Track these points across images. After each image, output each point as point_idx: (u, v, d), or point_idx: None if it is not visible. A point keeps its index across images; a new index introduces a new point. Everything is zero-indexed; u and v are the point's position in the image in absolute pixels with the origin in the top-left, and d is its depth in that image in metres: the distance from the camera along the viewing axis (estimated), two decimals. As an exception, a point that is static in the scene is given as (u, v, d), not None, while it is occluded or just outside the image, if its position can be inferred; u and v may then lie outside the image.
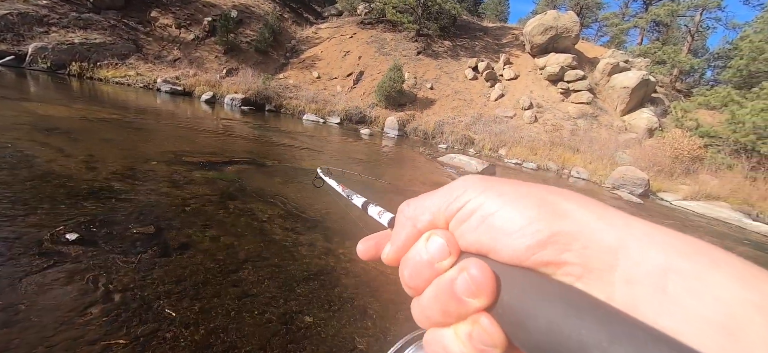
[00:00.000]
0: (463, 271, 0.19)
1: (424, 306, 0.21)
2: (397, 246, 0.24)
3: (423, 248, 0.21)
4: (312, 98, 15.58)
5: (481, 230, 0.20)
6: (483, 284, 0.18)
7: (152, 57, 15.20)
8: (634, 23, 24.64)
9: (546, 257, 0.17)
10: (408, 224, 0.23)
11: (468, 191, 0.21)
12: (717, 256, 0.15)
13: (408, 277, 0.22)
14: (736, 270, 0.14)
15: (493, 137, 14.60)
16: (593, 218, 0.18)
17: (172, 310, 1.87)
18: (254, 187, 4.19)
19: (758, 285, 0.14)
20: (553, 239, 0.17)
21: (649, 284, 0.15)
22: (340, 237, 3.22)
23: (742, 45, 15.61)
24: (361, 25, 21.35)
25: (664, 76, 19.67)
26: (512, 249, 0.18)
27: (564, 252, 0.17)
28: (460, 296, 0.19)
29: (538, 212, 0.18)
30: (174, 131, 6.77)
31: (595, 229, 0.17)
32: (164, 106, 10.29)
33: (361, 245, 0.28)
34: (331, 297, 2.32)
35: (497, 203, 0.20)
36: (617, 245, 0.16)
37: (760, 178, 11.58)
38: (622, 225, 0.17)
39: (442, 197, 0.22)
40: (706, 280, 0.14)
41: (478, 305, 0.18)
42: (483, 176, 0.22)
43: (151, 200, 3.22)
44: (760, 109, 12.26)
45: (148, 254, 2.35)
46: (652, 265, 0.15)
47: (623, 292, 0.15)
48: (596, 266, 0.16)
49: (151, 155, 4.64)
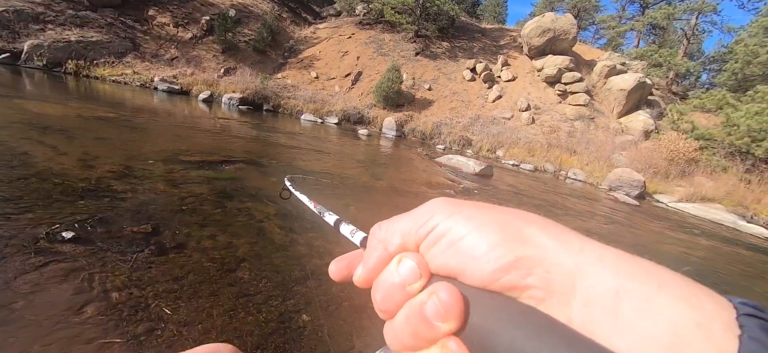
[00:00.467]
0: (433, 295, 0.19)
1: (397, 330, 0.21)
2: (369, 268, 0.24)
3: (395, 271, 0.22)
4: (310, 98, 15.57)
5: (449, 254, 0.20)
6: (452, 308, 0.19)
7: (149, 56, 15.14)
8: (630, 26, 24.82)
9: (511, 281, 0.18)
10: (380, 247, 0.23)
11: (436, 215, 0.22)
12: (664, 277, 0.16)
13: (380, 300, 0.22)
14: (681, 290, 0.16)
15: (490, 138, 14.65)
16: (553, 243, 0.19)
17: (168, 309, 1.87)
18: (251, 186, 4.17)
19: (700, 305, 0.15)
20: (516, 264, 0.18)
21: (603, 306, 0.16)
22: (337, 237, 3.21)
23: (737, 48, 15.78)
24: (359, 26, 21.37)
25: (660, 79, 19.82)
26: (479, 273, 0.19)
27: (527, 277, 0.18)
28: (431, 320, 0.19)
29: (502, 237, 0.19)
30: (171, 129, 6.74)
31: (555, 254, 0.18)
32: (161, 105, 10.25)
33: (333, 266, 0.28)
34: (328, 296, 2.32)
35: (464, 228, 0.20)
36: (575, 270, 0.17)
37: (755, 180, 11.69)
38: (579, 250, 0.18)
39: (411, 220, 0.23)
40: (654, 302, 0.15)
41: (447, 329, 0.19)
42: (450, 199, 0.23)
43: (148, 198, 3.20)
44: (754, 112, 12.39)
45: (145, 253, 2.34)
46: (606, 288, 0.16)
47: (581, 314, 0.16)
48: (557, 289, 0.17)
49: (148, 153, 4.62)
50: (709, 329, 0.14)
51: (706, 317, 0.15)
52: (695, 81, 24.07)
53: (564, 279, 0.17)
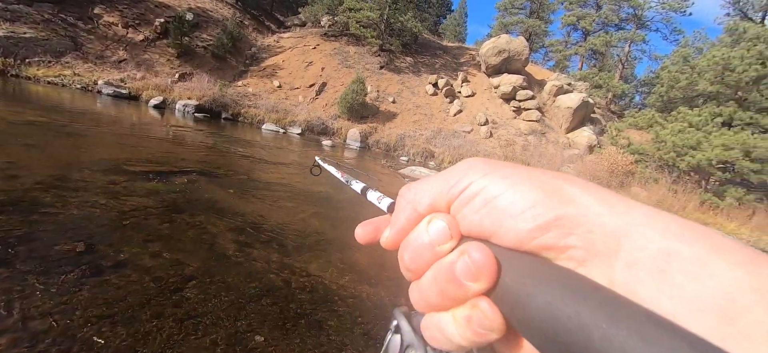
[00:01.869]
0: (464, 254, 0.19)
1: (423, 290, 0.21)
2: (397, 230, 0.23)
3: (424, 232, 0.21)
4: (272, 108, 15.16)
5: (483, 213, 0.19)
6: (484, 267, 0.18)
7: (93, 57, 13.94)
8: (575, 50, 27.18)
9: (549, 240, 0.17)
10: (408, 207, 0.23)
11: (470, 173, 0.21)
12: (718, 241, 0.15)
13: (408, 260, 0.22)
14: (737, 254, 0.14)
15: (452, 150, 15.16)
16: (596, 202, 0.17)
17: (100, 337, 1.69)
18: (205, 199, 3.95)
19: (758, 270, 0.14)
20: (557, 223, 0.17)
21: (650, 267, 0.15)
22: (297, 251, 3.13)
23: (662, 74, 17.83)
24: (324, 37, 21.34)
25: (600, 99, 21.80)
26: (515, 232, 0.18)
27: (568, 236, 0.17)
28: (461, 279, 0.19)
29: (542, 196, 0.18)
30: (115, 137, 6.21)
31: (599, 213, 0.17)
32: (105, 110, 9.43)
33: (359, 229, 0.27)
34: (285, 313, 2.23)
35: (501, 186, 0.19)
36: (620, 230, 0.16)
37: (680, 190, 13.15)
38: (625, 210, 0.17)
39: (443, 180, 0.22)
40: (707, 264, 0.14)
41: (478, 288, 0.18)
42: (485, 159, 0.22)
43: (83, 213, 2.91)
44: (677, 130, 14.00)
45: (75, 274, 2.10)
46: (654, 249, 0.15)
47: (624, 275, 0.15)
48: (599, 250, 0.16)
49: (86, 163, 4.21)
50: (767, 293, 0.13)
51: (764, 282, 0.13)
52: (630, 101, 26.83)
53: (608, 240, 0.16)
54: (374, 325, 2.32)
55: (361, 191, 0.38)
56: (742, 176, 12.87)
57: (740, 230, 11.52)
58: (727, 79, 14.02)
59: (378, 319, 2.39)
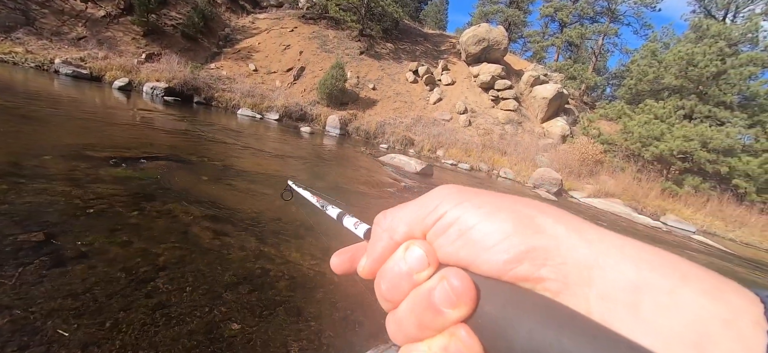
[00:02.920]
0: (443, 280, 0.19)
1: (400, 320, 0.20)
2: (374, 258, 0.23)
3: (401, 259, 0.21)
4: (248, 92, 14.67)
5: (458, 244, 0.19)
6: (463, 293, 0.18)
7: (48, 33, 12.90)
8: (551, 42, 27.82)
9: (524, 272, 0.17)
10: (384, 236, 0.23)
11: (444, 203, 0.21)
12: (686, 270, 0.15)
13: (385, 290, 0.21)
14: (705, 284, 0.15)
15: (431, 138, 15.29)
16: (568, 233, 0.18)
17: (65, 330, 1.61)
18: (177, 186, 3.79)
19: (726, 299, 0.14)
20: (530, 255, 0.17)
21: (623, 300, 0.15)
22: (275, 239, 3.08)
23: (632, 67, 18.63)
24: (302, 19, 20.71)
25: (574, 90, 22.54)
26: (491, 264, 0.18)
27: (541, 268, 0.17)
28: (439, 306, 0.18)
29: (514, 227, 0.18)
30: (76, 121, 5.82)
31: (571, 245, 0.17)
32: (65, 91, 8.79)
33: (334, 259, 0.27)
34: (263, 301, 2.20)
35: (475, 217, 0.19)
36: (592, 261, 0.16)
37: (644, 179, 13.94)
38: (597, 240, 0.17)
39: (418, 208, 0.22)
40: (677, 295, 0.15)
41: (456, 316, 0.18)
42: (459, 186, 0.22)
43: (41, 201, 2.72)
44: (644, 122, 14.75)
45: (34, 265, 1.98)
46: (626, 281, 0.15)
47: (599, 307, 0.15)
48: (573, 281, 0.16)
49: (44, 148, 3.93)
50: (737, 326, 0.13)
51: (733, 313, 0.14)
52: (601, 93, 27.91)
53: (581, 271, 0.16)
54: (353, 310, 2.34)
55: (337, 217, 0.37)
56: (699, 166, 13.77)
57: (695, 216, 12.40)
58: (690, 74, 14.83)
59: (357, 304, 2.41)
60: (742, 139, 13.76)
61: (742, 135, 13.86)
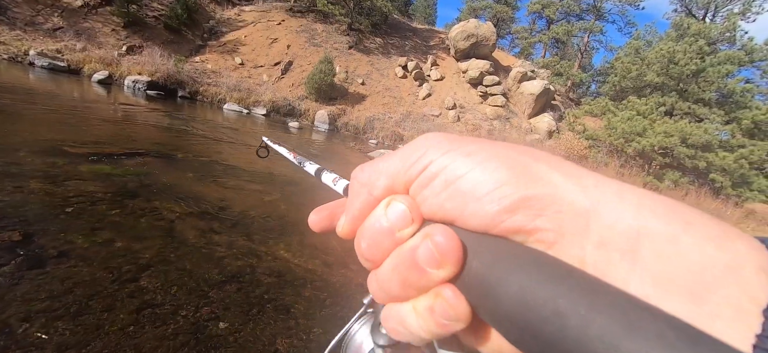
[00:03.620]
0: (427, 238, 0.17)
1: (383, 279, 0.19)
2: (353, 216, 0.21)
3: (382, 216, 0.19)
4: (234, 86, 14.38)
5: (445, 196, 0.18)
6: (448, 252, 0.16)
7: (22, 23, 12.35)
8: (538, 38, 28.14)
9: (517, 223, 0.16)
10: (363, 191, 0.21)
11: (430, 151, 0.19)
12: (690, 216, 0.15)
13: (365, 248, 0.20)
14: (708, 230, 0.14)
15: (420, 134, 15.31)
16: (565, 179, 0.17)
17: (43, 333, 1.56)
18: (161, 183, 3.70)
19: (730, 245, 0.14)
20: (525, 204, 0.16)
21: (621, 247, 0.14)
22: (262, 236, 3.05)
23: (616, 65, 19.03)
24: (290, 13, 20.38)
25: (561, 86, 22.91)
26: (480, 216, 0.17)
27: (537, 218, 0.16)
28: (423, 266, 0.17)
29: (508, 175, 0.17)
30: (54, 115, 5.61)
31: (568, 192, 0.16)
32: (40, 84, 8.45)
33: (313, 216, 0.25)
34: (250, 299, 2.18)
35: (464, 165, 0.18)
36: (590, 208, 0.15)
37: (626, 174, 14.33)
38: (594, 186, 0.16)
39: (400, 159, 0.20)
40: (679, 242, 0.14)
41: (442, 275, 0.17)
42: (446, 134, 0.20)
43: (17, 199, 2.62)
44: (627, 118, 15.11)
45: (11, 266, 1.91)
46: (625, 227, 0.15)
47: (595, 256, 0.15)
48: (570, 230, 0.15)
49: (19, 144, 3.77)
50: (739, 272, 0.13)
51: (737, 259, 0.13)
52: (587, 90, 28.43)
53: (578, 219, 0.15)
54: (342, 307, 2.34)
55: (315, 173, 0.36)
56: (679, 161, 14.23)
57: (675, 209, 12.85)
58: (671, 71, 15.24)
59: (346, 301, 2.41)
60: (719, 135, 14.27)
61: (720, 131, 14.38)
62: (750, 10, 17.66)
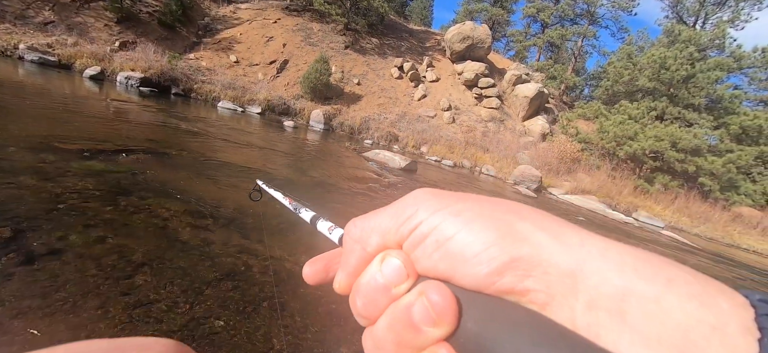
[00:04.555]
0: (422, 295, 0.17)
1: (378, 338, 0.19)
2: (348, 272, 0.21)
3: (377, 272, 0.19)
4: (229, 84, 14.29)
5: (437, 256, 0.18)
6: (444, 310, 0.17)
7: (12, 16, 12.13)
8: (533, 42, 28.44)
9: (508, 284, 0.16)
10: (357, 247, 0.21)
11: (420, 210, 0.19)
12: (672, 274, 0.15)
13: (361, 306, 0.20)
14: (691, 288, 0.14)
15: (416, 135, 15.38)
16: (550, 240, 0.17)
17: (36, 329, 1.54)
18: (155, 181, 3.67)
19: (713, 303, 0.14)
20: (513, 265, 0.16)
21: (609, 309, 0.15)
22: (258, 233, 3.04)
23: (609, 69, 19.32)
24: (286, 11, 20.31)
25: (554, 90, 23.16)
26: (472, 276, 0.17)
27: (525, 279, 0.16)
28: (418, 324, 0.17)
29: (494, 236, 0.17)
30: (44, 111, 5.51)
31: (553, 253, 0.16)
32: (30, 79, 8.30)
33: (307, 268, 0.25)
34: (246, 297, 2.18)
35: (452, 226, 0.18)
36: (575, 269, 0.16)
37: (618, 176, 14.54)
38: (579, 245, 0.17)
39: (391, 216, 0.20)
40: (663, 301, 0.14)
41: (437, 334, 0.17)
42: (434, 191, 0.20)
43: (7, 196, 2.58)
44: (619, 122, 15.34)
45: (2, 263, 1.88)
46: (611, 288, 0.15)
47: (586, 318, 0.15)
48: (558, 291, 0.16)
49: (8, 139, 3.71)
50: (725, 331, 0.13)
51: (721, 318, 0.13)
52: (580, 93, 28.79)
53: (565, 279, 0.16)
54: (338, 304, 2.34)
55: (311, 221, 0.36)
56: (669, 165, 14.46)
57: (664, 212, 13.03)
58: (662, 76, 15.50)
59: (341, 299, 2.41)
60: (708, 139, 14.56)
61: (709, 136, 14.68)
62: (739, 17, 18.05)
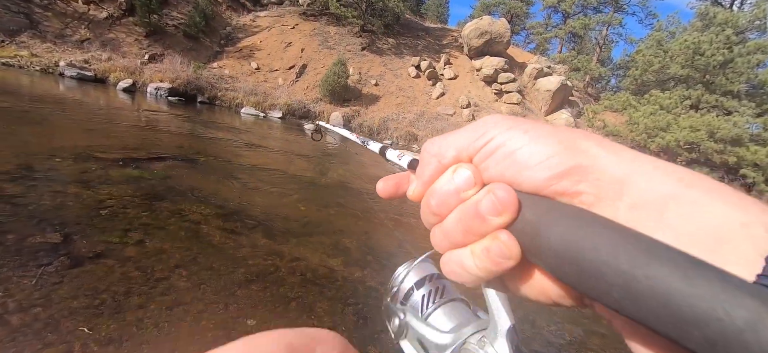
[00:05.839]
0: (490, 193, 0.21)
1: (447, 229, 0.23)
2: (423, 181, 0.25)
3: (450, 179, 0.23)
4: (251, 91, 14.70)
5: (504, 165, 0.21)
6: (507, 202, 0.20)
7: (52, 36, 12.99)
8: (554, 33, 27.54)
9: (563, 186, 0.20)
10: (433, 160, 0.24)
11: (492, 129, 0.23)
12: (713, 185, 0.17)
13: (435, 205, 0.24)
14: (727, 195, 0.17)
15: (435, 133, 15.23)
16: (606, 153, 0.20)
17: (86, 327, 1.65)
18: (186, 186, 3.84)
19: (746, 207, 0.16)
20: (571, 171, 0.20)
21: (650, 209, 0.17)
22: (284, 236, 3.12)
23: (637, 58, 18.42)
24: (303, 16, 20.67)
25: (578, 82, 22.34)
26: (533, 180, 0.20)
27: (579, 183, 0.19)
28: (485, 215, 0.21)
29: (559, 148, 0.20)
30: (84, 123, 5.88)
31: (607, 163, 0.19)
32: (70, 94, 8.87)
33: (381, 184, 0.30)
34: (275, 297, 2.24)
35: (522, 140, 0.21)
36: (625, 177, 0.19)
37: (649, 170, 13.85)
38: (631, 159, 0.19)
39: (466, 134, 0.24)
40: (700, 204, 0.16)
41: (500, 222, 0.20)
42: (507, 115, 0.24)
43: (56, 203, 2.77)
44: (649, 113, 14.61)
45: (54, 266, 2.03)
46: (654, 193, 0.18)
47: (627, 215, 0.18)
48: (606, 194, 0.19)
49: (54, 150, 3.98)
50: (752, 228, 0.15)
51: (751, 219, 0.15)
52: (606, 84, 27.61)
53: (614, 185, 0.19)
54: (365, 305, 2.37)
55: (379, 151, 0.40)
56: (707, 157, 13.63)
57: (702, 206, 12.31)
58: (696, 63, 14.63)
59: (368, 299, 2.44)
60: (749, 128, 13.59)
61: (750, 124, 13.69)
62: (782, -5, 16.76)
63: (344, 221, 3.82)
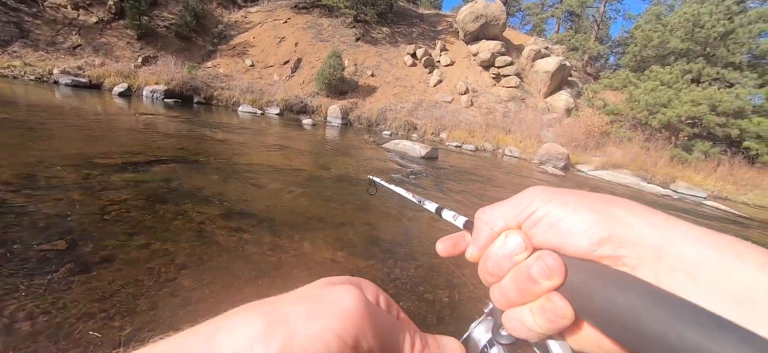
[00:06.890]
0: (539, 259, 0.24)
1: (504, 289, 0.26)
2: (479, 245, 0.28)
3: (503, 245, 0.26)
4: (247, 88, 14.62)
5: (549, 234, 0.24)
6: (556, 268, 0.23)
7: (44, 44, 12.88)
8: (551, 13, 27.19)
9: (605, 252, 0.22)
10: (486, 228, 0.28)
11: (535, 201, 0.26)
12: (741, 250, 0.19)
13: (491, 268, 0.27)
14: (756, 260, 0.18)
15: (434, 121, 15.19)
16: (641, 221, 0.22)
17: (97, 332, 1.65)
18: (188, 187, 3.83)
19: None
20: (610, 239, 0.22)
21: (684, 273, 0.19)
22: (288, 232, 3.11)
23: (636, 33, 18.17)
24: (295, 10, 20.42)
25: (577, 61, 22.12)
26: (577, 246, 0.23)
27: (619, 248, 0.22)
28: (537, 278, 0.23)
29: (596, 218, 0.23)
30: (82, 130, 5.86)
31: (644, 230, 0.22)
32: (66, 101, 8.83)
33: (440, 245, 0.33)
34: (284, 291, 2.23)
35: (563, 211, 0.24)
36: (660, 244, 0.21)
37: (652, 147, 13.77)
38: (664, 227, 0.21)
39: (512, 206, 0.27)
40: (729, 268, 0.18)
41: (550, 285, 0.23)
42: (546, 187, 0.27)
43: (59, 210, 2.77)
44: (650, 89, 14.48)
45: (61, 272, 2.03)
46: (688, 258, 0.20)
47: (665, 279, 0.20)
48: (645, 259, 0.21)
49: (54, 158, 3.97)
50: None
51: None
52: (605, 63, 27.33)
53: (651, 251, 0.21)
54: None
55: (436, 211, 0.43)
56: (709, 130, 13.54)
57: (706, 181, 12.27)
58: (696, 35, 14.43)
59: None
60: (752, 99, 13.46)
61: (753, 95, 13.55)
62: (782, -39, 16.43)
63: (347, 214, 3.82)
